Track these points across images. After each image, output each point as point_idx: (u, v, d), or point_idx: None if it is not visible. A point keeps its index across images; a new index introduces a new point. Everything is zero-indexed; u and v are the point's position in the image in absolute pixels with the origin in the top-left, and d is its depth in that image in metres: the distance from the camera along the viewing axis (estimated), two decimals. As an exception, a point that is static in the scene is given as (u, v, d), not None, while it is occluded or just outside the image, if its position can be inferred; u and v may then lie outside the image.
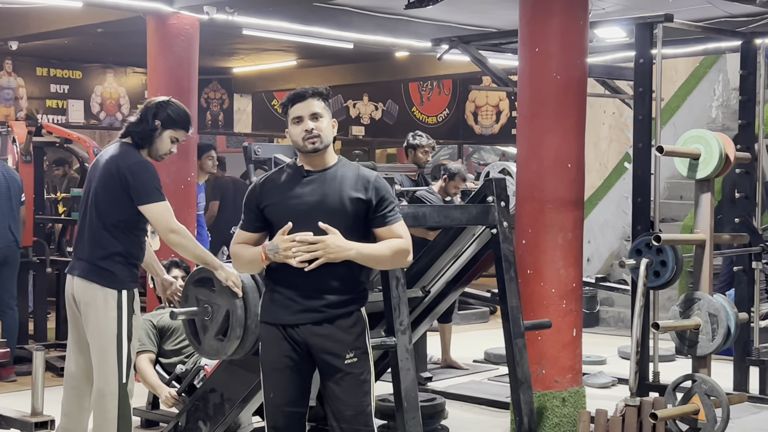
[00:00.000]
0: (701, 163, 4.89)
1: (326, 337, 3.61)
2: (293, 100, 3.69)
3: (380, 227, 3.68)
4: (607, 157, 11.54)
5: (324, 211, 3.61)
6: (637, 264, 5.13)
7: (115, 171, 4.35)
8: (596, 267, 10.78)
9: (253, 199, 3.72)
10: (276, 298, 3.67)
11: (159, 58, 7.52)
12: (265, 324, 3.73)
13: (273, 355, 3.68)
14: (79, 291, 4.42)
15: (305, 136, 3.63)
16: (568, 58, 5.35)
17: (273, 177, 3.75)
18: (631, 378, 5.01)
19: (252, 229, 3.74)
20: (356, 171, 3.72)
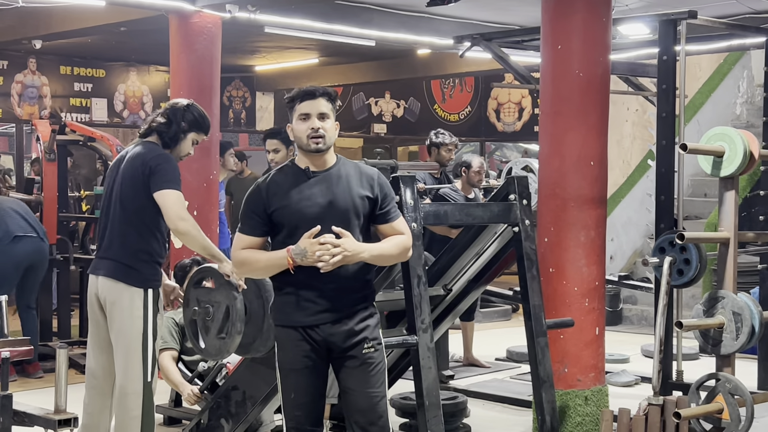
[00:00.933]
0: (725, 161, 4.86)
1: (345, 333, 3.66)
2: (302, 97, 3.69)
3: (383, 224, 3.76)
4: (631, 155, 11.48)
5: (335, 212, 3.65)
6: (661, 262, 5.10)
7: (139, 164, 4.42)
8: (619, 265, 10.73)
9: (259, 203, 3.69)
10: (292, 301, 3.68)
11: (181, 57, 7.54)
12: (281, 327, 3.73)
13: (292, 357, 3.70)
14: (104, 290, 4.45)
15: (311, 134, 3.64)
16: (590, 55, 5.33)
17: (276, 179, 3.72)
18: (655, 377, 4.99)
19: (258, 233, 3.69)
20: (358, 169, 3.77)
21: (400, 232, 3.77)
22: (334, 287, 3.63)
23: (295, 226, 3.63)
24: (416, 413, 4.39)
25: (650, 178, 8.93)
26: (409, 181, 4.38)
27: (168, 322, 5.62)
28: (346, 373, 3.72)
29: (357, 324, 3.68)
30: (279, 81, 13.86)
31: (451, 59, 11.30)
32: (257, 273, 3.87)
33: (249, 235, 3.70)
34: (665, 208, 6.01)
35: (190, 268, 5.93)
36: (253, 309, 4.69)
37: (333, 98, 3.73)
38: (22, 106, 11.66)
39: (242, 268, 3.78)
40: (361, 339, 3.69)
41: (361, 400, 3.70)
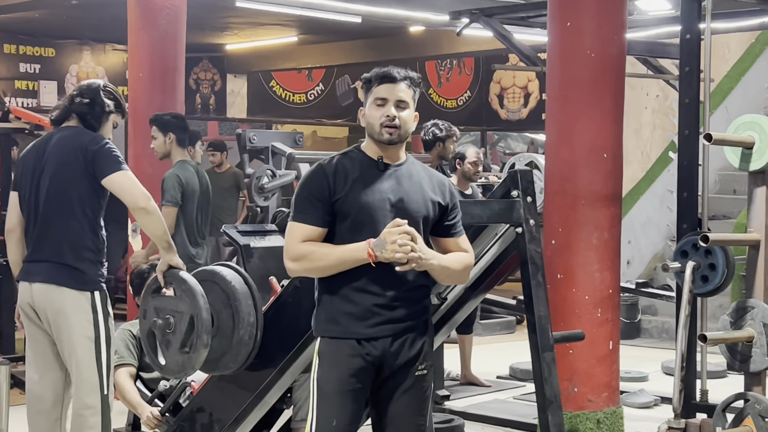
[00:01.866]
0: (755, 153, 4.87)
1: (403, 350, 3.63)
2: (381, 79, 3.65)
3: (448, 237, 3.76)
4: (650, 146, 11.52)
5: (405, 212, 3.59)
6: (683, 267, 5.12)
7: (74, 151, 4.46)
8: (637, 270, 10.77)
9: (324, 187, 3.58)
10: (348, 309, 3.60)
11: (141, 34, 7.53)
12: (332, 339, 3.63)
13: (339, 375, 3.61)
14: (42, 299, 4.45)
15: (385, 122, 3.59)
16: (604, 34, 5.35)
17: (344, 163, 3.64)
18: (675, 397, 5.01)
19: (321, 222, 3.58)
20: (428, 171, 3.77)
21: (465, 250, 3.78)
22: (397, 296, 3.60)
23: (360, 221, 3.57)
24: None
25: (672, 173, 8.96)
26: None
27: (124, 334, 5.60)
28: (394, 398, 3.66)
29: (416, 340, 3.66)
30: (253, 62, 13.87)
31: (448, 38, 11.32)
32: (322, 270, 3.66)
33: (309, 224, 3.58)
34: (688, 206, 6.02)
35: (148, 275, 5.93)
36: (222, 320, 4.69)
37: (416, 84, 3.70)
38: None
39: (304, 264, 3.61)
40: (417, 355, 3.65)
41: (409, 429, 3.66)
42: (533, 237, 4.87)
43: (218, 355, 4.64)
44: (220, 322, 4.68)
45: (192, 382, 5.24)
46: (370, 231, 3.54)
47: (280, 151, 8.48)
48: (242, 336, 4.60)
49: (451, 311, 5.21)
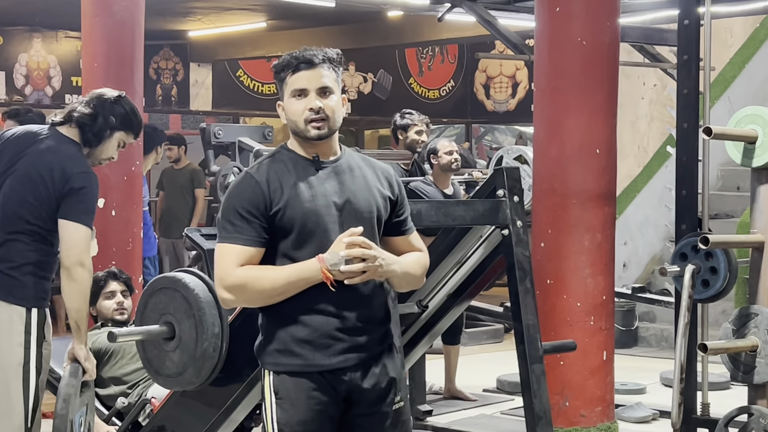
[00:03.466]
0: (758, 148, 4.89)
1: (374, 382, 3.40)
2: (295, 67, 3.36)
3: (398, 235, 3.53)
4: (648, 140, 11.56)
5: (357, 213, 3.38)
6: (682, 271, 5.13)
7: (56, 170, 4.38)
8: (635, 274, 10.81)
9: (260, 200, 3.31)
10: (303, 336, 3.34)
11: (95, 20, 7.49)
12: (288, 375, 3.36)
13: (303, 416, 3.35)
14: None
15: (309, 116, 3.34)
16: (595, 19, 5.37)
17: (275, 169, 3.38)
18: (674, 411, 5.02)
19: (258, 242, 3.31)
20: (368, 162, 3.54)
21: (419, 249, 3.56)
22: (361, 317, 3.37)
23: (305, 233, 3.33)
24: (384, 458, 4.39)
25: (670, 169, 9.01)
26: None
27: (77, 349, 5.60)
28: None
29: (387, 369, 3.44)
30: (218, 50, 13.85)
31: (429, 23, 11.32)
32: (266, 298, 3.38)
33: (244, 245, 3.30)
34: (687, 205, 6.04)
35: (104, 282, 5.96)
36: (184, 331, 4.68)
37: (338, 63, 3.40)
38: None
39: (245, 293, 3.34)
40: (392, 389, 3.44)
41: None
42: (520, 239, 4.89)
43: (180, 369, 4.63)
44: (182, 334, 4.66)
45: (152, 399, 5.24)
46: (317, 244, 3.31)
47: (248, 146, 8.46)
48: (206, 348, 4.58)
49: (432, 320, 5.22)
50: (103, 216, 7.38)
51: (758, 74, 11.53)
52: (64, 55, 12.80)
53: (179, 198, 10.91)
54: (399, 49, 15.00)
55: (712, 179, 10.26)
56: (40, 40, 12.68)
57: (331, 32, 12.92)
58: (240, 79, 14.30)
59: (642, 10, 8.25)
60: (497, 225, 4.87)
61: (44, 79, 12.72)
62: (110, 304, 5.90)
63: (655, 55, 8.34)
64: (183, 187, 10.87)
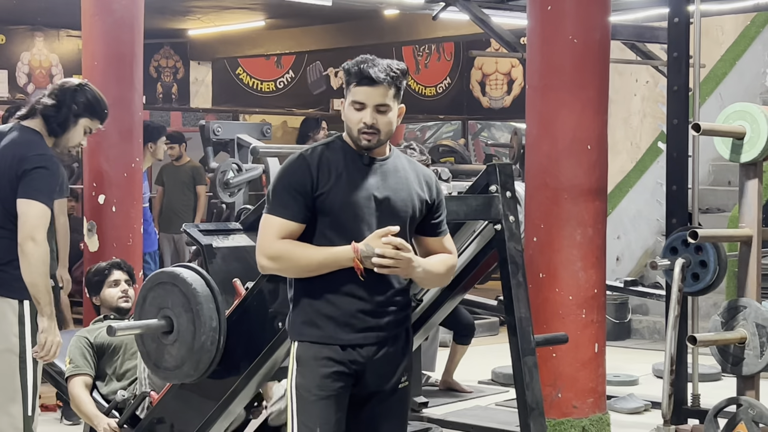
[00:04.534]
0: (746, 144, 4.90)
1: (387, 359, 3.62)
2: (359, 80, 3.52)
3: (432, 236, 3.75)
4: (640, 136, 11.55)
5: (392, 210, 3.58)
6: (672, 265, 5.15)
7: (16, 159, 4.45)
8: (627, 267, 10.81)
9: (307, 180, 3.51)
10: (329, 312, 3.56)
11: (95, 19, 7.48)
12: (312, 344, 3.58)
13: (320, 381, 3.56)
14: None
15: (362, 128, 3.52)
16: (587, 18, 5.37)
17: (326, 155, 3.57)
18: (665, 402, 5.04)
19: (301, 218, 3.52)
20: (414, 166, 3.73)
21: (449, 251, 3.79)
22: (383, 301, 3.59)
23: (343, 218, 3.53)
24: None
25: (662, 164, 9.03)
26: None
27: (80, 342, 5.59)
28: (374, 412, 3.65)
29: (399, 350, 3.65)
30: (218, 48, 13.84)
31: (425, 22, 11.31)
32: (299, 272, 3.60)
33: (288, 219, 3.51)
34: (678, 200, 6.06)
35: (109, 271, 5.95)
36: (182, 325, 4.70)
37: (399, 81, 3.55)
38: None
39: (282, 263, 3.55)
40: (399, 365, 3.66)
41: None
42: (513, 234, 4.88)
43: (178, 363, 4.65)
44: (180, 327, 4.68)
45: (151, 392, 5.24)
46: (352, 230, 3.52)
47: (247, 143, 8.46)
48: (204, 342, 4.60)
49: (427, 313, 5.21)
50: (104, 212, 7.39)
51: (749, 71, 11.52)
52: (66, 53, 12.79)
53: (180, 194, 10.90)
54: (396, 47, 14.97)
55: (704, 174, 10.26)
56: (42, 39, 12.68)
57: (329, 30, 12.91)
58: (239, 76, 14.29)
59: (633, 8, 8.25)
60: (490, 220, 4.87)
61: (46, 78, 12.71)
62: (115, 292, 5.89)
63: (646, 53, 8.34)
64: (184, 183, 10.86)
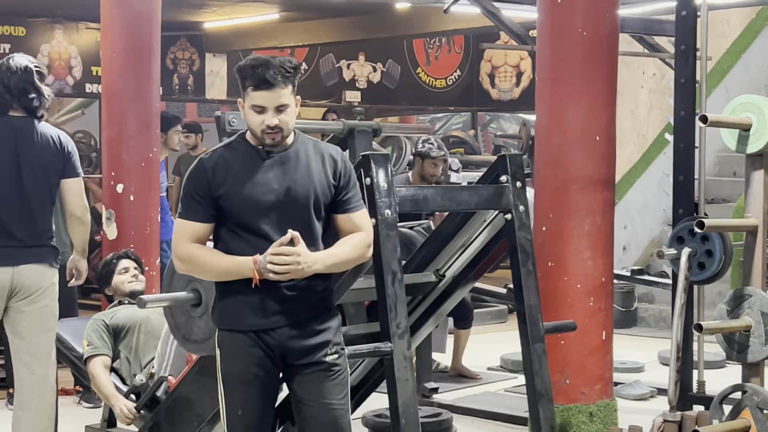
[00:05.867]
0: (752, 135, 4.90)
1: (305, 337, 3.74)
2: (257, 85, 3.61)
3: (342, 213, 3.81)
4: (647, 127, 11.53)
5: (294, 201, 3.69)
6: (678, 254, 5.15)
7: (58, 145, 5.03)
8: (634, 257, 10.80)
9: (204, 182, 3.67)
10: (242, 301, 3.70)
11: (114, 12, 7.50)
12: (228, 332, 3.76)
13: (240, 367, 3.74)
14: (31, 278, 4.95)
15: (266, 129, 3.64)
16: (596, 11, 5.36)
17: (224, 155, 3.72)
18: (671, 388, 5.03)
19: (206, 218, 3.69)
20: (318, 148, 3.80)
21: (359, 228, 3.81)
22: (291, 286, 3.69)
23: (244, 216, 3.66)
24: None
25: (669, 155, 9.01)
26: (382, 161, 4.37)
27: (97, 324, 5.63)
28: (303, 383, 3.76)
29: (318, 326, 3.75)
30: (233, 40, 13.83)
31: (436, 15, 11.29)
32: (206, 275, 3.87)
33: (193, 221, 3.69)
34: (684, 190, 6.05)
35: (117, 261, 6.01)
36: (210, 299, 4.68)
37: (293, 76, 3.65)
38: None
39: (190, 266, 3.76)
40: (322, 342, 3.76)
41: (322, 413, 3.75)
42: (523, 224, 4.89)
43: (207, 335, 4.64)
44: (209, 301, 4.66)
45: (169, 377, 5.26)
46: (254, 226, 3.64)
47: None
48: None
49: (437, 302, 5.23)
50: (122, 201, 7.41)
51: (754, 64, 11.49)
52: (85, 45, 12.79)
53: None
54: (407, 40, 14.95)
55: (710, 165, 10.22)
56: (62, 32, 12.68)
57: (341, 23, 12.90)
58: (254, 68, 14.29)
59: (641, 2, 8.23)
60: (500, 210, 4.88)
61: (65, 69, 12.72)
62: (125, 277, 5.94)
63: (654, 46, 8.31)
64: None
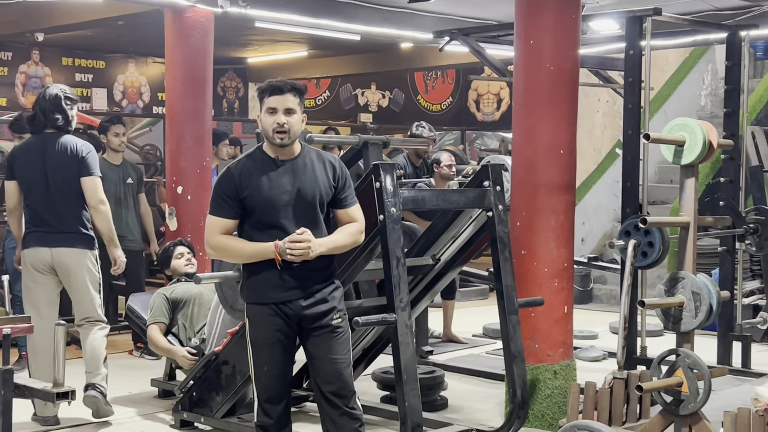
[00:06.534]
0: (686, 150, 4.86)
1: (315, 306, 3.79)
2: (271, 91, 3.74)
3: (340, 209, 3.88)
4: (601, 143, 11.51)
5: (303, 199, 3.74)
6: (626, 245, 5.12)
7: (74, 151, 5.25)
8: (590, 247, 10.78)
9: (232, 187, 3.72)
10: (265, 280, 3.75)
11: (176, 49, 7.51)
12: (254, 304, 3.82)
13: (265, 331, 3.79)
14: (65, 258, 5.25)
15: (276, 128, 3.70)
16: (561, 50, 5.32)
17: (247, 165, 3.77)
18: (619, 352, 5.02)
19: (233, 215, 3.74)
20: (320, 156, 3.85)
21: (354, 219, 3.89)
22: (302, 266, 3.74)
23: (265, 212, 3.71)
24: (395, 386, 4.41)
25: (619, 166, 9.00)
26: (389, 168, 4.38)
27: (159, 297, 5.67)
28: (314, 342, 3.82)
29: (326, 297, 3.82)
30: (270, 72, 13.81)
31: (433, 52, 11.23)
32: (235, 260, 3.94)
33: (223, 218, 3.73)
34: (631, 193, 6.05)
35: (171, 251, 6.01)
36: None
37: (301, 93, 3.77)
38: (25, 96, 11.59)
39: (221, 253, 3.81)
40: (329, 309, 3.81)
41: (328, 366, 3.79)
42: (501, 220, 4.89)
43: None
44: None
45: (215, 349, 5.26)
46: (274, 219, 3.68)
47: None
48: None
49: (432, 281, 5.24)
50: (181, 200, 7.43)
51: (688, 93, 11.46)
52: (152, 76, 12.80)
53: None
54: (410, 72, 14.94)
55: (651, 174, 10.19)
56: (134, 65, 12.68)
57: (357, 59, 12.89)
58: (287, 95, 14.27)
59: (597, 43, 8.20)
60: (483, 208, 4.88)
61: (137, 95, 12.72)
62: (181, 261, 5.95)
63: (607, 78, 8.28)
64: None
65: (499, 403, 5.66)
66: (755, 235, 6.68)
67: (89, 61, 12.24)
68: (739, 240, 6.45)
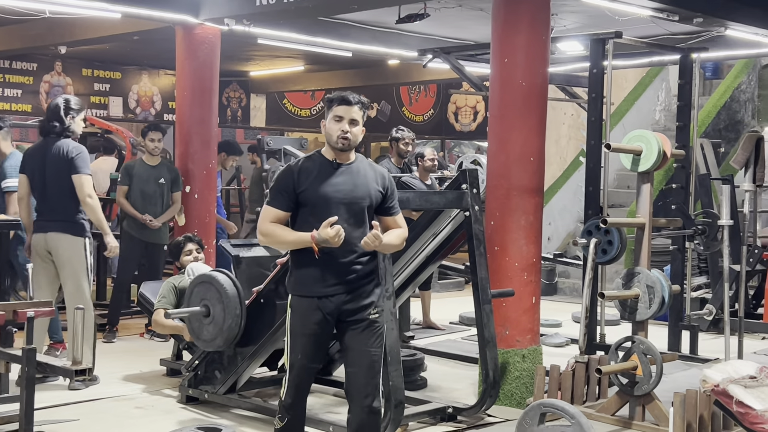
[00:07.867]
0: (642, 159, 4.90)
1: (355, 301, 3.68)
2: (340, 102, 3.68)
3: (388, 216, 3.81)
4: (566, 152, 11.54)
5: (354, 199, 3.68)
6: (588, 243, 5.15)
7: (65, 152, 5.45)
8: (555, 245, 10.81)
9: (290, 182, 3.66)
10: (310, 274, 3.65)
11: (186, 63, 7.49)
12: (299, 296, 3.70)
13: (304, 323, 3.68)
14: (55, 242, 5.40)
15: (340, 135, 3.64)
16: (532, 68, 5.34)
17: (307, 164, 3.71)
18: (581, 339, 5.05)
19: (286, 208, 3.67)
20: (372, 167, 3.81)
21: (399, 226, 3.83)
22: (347, 262, 3.66)
23: (318, 207, 3.63)
24: (380, 367, 4.41)
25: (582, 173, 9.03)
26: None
27: (168, 285, 5.65)
28: (351, 335, 3.70)
29: (366, 294, 3.71)
30: (270, 84, 13.80)
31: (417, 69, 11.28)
32: (279, 246, 3.88)
33: (277, 208, 3.66)
34: (593, 197, 6.07)
35: (184, 244, 5.97)
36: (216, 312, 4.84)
37: (366, 107, 3.74)
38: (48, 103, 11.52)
39: (268, 238, 3.70)
40: (368, 304, 3.71)
41: (363, 358, 3.68)
42: (477, 219, 4.91)
43: (213, 337, 4.89)
44: (215, 313, 4.88)
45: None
46: (326, 215, 3.57)
47: (290, 152, 8.48)
48: (230, 324, 4.82)
49: (414, 274, 5.24)
50: (189, 198, 7.40)
51: (644, 108, 11.51)
52: (164, 86, 12.75)
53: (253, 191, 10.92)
54: (395, 86, 14.92)
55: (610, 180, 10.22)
56: (147, 76, 12.63)
57: (348, 74, 12.87)
58: (285, 105, 14.24)
59: (565, 62, 8.23)
60: (461, 209, 4.89)
61: (150, 103, 12.67)
62: (189, 258, 5.92)
63: (573, 94, 8.31)
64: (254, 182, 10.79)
65: (473, 384, 5.67)
66: (703, 235, 6.73)
67: (107, 72, 12.18)
68: (689, 240, 6.48)
